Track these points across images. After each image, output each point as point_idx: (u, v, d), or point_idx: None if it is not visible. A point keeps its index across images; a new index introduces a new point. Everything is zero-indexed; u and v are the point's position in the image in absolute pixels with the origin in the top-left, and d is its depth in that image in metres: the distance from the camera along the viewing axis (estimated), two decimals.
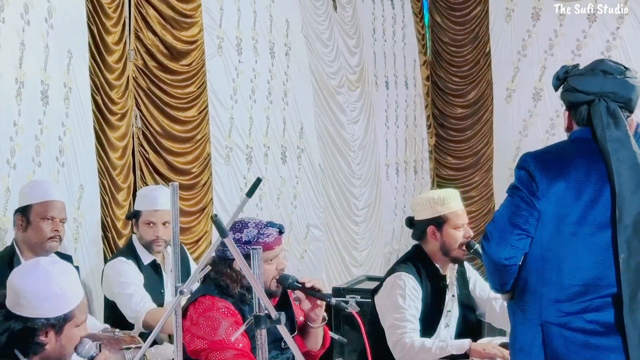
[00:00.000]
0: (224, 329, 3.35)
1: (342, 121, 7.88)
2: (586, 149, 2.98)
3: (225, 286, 3.46)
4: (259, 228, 3.47)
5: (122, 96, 5.42)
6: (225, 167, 6.34)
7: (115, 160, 5.34)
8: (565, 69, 3.16)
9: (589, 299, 2.88)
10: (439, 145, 9.91)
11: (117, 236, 5.33)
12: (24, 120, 4.63)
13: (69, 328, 2.82)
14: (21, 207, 4.20)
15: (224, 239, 2.32)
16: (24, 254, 4.14)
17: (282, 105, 7.09)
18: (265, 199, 6.76)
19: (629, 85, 3.03)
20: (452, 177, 9.67)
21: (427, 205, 4.34)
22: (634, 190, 2.89)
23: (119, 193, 5.38)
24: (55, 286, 2.77)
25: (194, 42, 5.97)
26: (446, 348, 4.12)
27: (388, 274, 4.36)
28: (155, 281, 4.71)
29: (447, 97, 9.80)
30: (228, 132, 6.37)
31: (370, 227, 8.37)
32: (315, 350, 3.73)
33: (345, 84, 7.99)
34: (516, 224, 3.00)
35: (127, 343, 4.01)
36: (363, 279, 6.75)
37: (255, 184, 2.79)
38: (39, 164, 4.74)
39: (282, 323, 2.46)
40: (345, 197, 7.89)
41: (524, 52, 9.27)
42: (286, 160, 7.10)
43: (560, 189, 2.91)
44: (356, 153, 8.08)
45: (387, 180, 8.84)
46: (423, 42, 9.67)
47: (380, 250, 8.61)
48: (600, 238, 2.88)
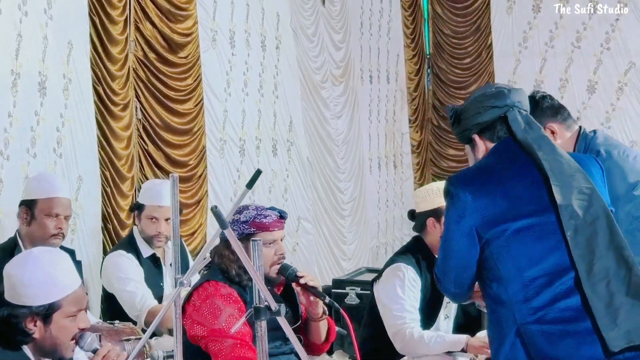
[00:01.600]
0: (225, 318, 3.37)
1: (326, 116, 7.94)
2: (505, 153, 3.01)
3: (226, 268, 3.50)
4: (259, 210, 3.52)
5: (123, 87, 5.45)
6: (220, 160, 6.39)
7: (120, 150, 5.38)
8: (452, 107, 3.18)
9: (555, 287, 2.89)
10: (440, 137, 10.00)
11: (120, 227, 5.36)
12: (19, 111, 4.65)
13: (58, 318, 2.78)
14: (26, 200, 4.20)
15: (224, 230, 2.32)
16: (26, 247, 4.11)
17: (272, 98, 7.15)
18: (257, 191, 6.80)
19: (523, 94, 3.12)
20: (453, 169, 9.64)
21: (427, 196, 4.39)
22: (567, 175, 2.93)
23: (124, 183, 5.42)
24: (40, 275, 2.76)
25: (189, 35, 6.01)
26: (443, 343, 4.16)
27: (387, 264, 4.40)
28: (154, 274, 4.73)
29: (449, 89, 9.89)
30: (222, 124, 6.42)
31: (357, 220, 8.44)
32: (319, 343, 3.74)
33: (329, 79, 8.04)
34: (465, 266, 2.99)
35: (127, 334, 4.03)
36: (363, 271, 6.86)
37: (255, 176, 2.86)
38: (34, 155, 4.76)
39: (282, 315, 2.46)
40: (332, 190, 7.96)
41: (525, 44, 9.36)
42: (277, 153, 7.16)
43: (485, 197, 2.93)
44: (340, 147, 8.15)
45: (371, 175, 8.92)
46: (413, 36, 9.69)
47: (367, 244, 8.67)
48: (544, 223, 2.91)
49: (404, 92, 9.60)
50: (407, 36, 9.62)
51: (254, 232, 3.47)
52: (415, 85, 9.76)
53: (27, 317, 2.74)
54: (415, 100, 9.78)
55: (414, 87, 9.75)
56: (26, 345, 2.79)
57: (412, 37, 9.72)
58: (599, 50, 9.00)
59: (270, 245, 3.49)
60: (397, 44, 9.50)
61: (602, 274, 2.86)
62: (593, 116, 8.95)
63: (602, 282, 2.86)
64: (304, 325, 3.69)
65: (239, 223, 3.49)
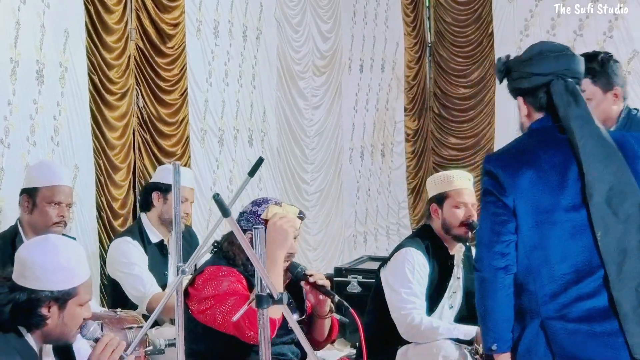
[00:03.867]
0: (228, 284, 3.87)
1: (300, 107, 8.89)
2: (546, 137, 3.32)
3: (233, 256, 3.98)
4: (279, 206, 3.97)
5: (122, 75, 6.21)
6: (201, 149, 7.27)
7: (113, 140, 6.13)
8: (504, 60, 3.51)
9: (583, 285, 3.19)
10: (441, 125, 10.99)
11: (113, 216, 6.09)
12: (19, 99, 5.35)
13: (72, 305, 3.13)
14: (28, 188, 4.70)
15: (226, 218, 2.57)
16: (28, 235, 4.64)
17: (250, 88, 8.06)
18: (235, 181, 7.70)
19: (577, 59, 3.36)
20: (454, 158, 10.77)
21: (433, 183, 5.13)
22: (603, 166, 3.19)
23: (117, 173, 6.15)
24: (62, 260, 3.10)
25: (177, 25, 6.87)
26: (453, 331, 4.81)
27: (396, 249, 5.02)
28: (159, 262, 5.36)
29: (450, 77, 10.89)
30: (203, 114, 7.30)
31: (326, 210, 9.37)
32: (320, 340, 4.23)
33: (311, 69, 9.00)
34: (499, 231, 3.30)
35: (129, 322, 4.56)
36: (365, 259, 7.58)
37: (257, 164, 3.47)
38: (33, 144, 5.46)
39: (284, 303, 2.72)
40: (295, 181, 8.86)
41: (526, 32, 10.29)
42: (252, 143, 8.09)
43: (525, 182, 3.25)
44: (312, 138, 9.13)
45: (350, 164, 9.92)
46: (414, 24, 10.70)
47: (340, 233, 9.63)
48: (578, 221, 3.20)
49: (401, 81, 10.58)
50: (408, 24, 10.60)
51: None
52: (414, 74, 10.72)
53: (46, 301, 3.08)
54: (414, 89, 10.72)
55: (412, 75, 10.70)
56: (30, 333, 3.14)
57: (413, 25, 10.68)
58: (601, 39, 9.82)
59: None
60: (396, 32, 10.49)
61: (632, 275, 3.14)
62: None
63: (631, 283, 3.13)
64: (307, 320, 4.16)
65: (256, 216, 3.98)
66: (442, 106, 11.06)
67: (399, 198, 10.62)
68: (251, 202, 4.11)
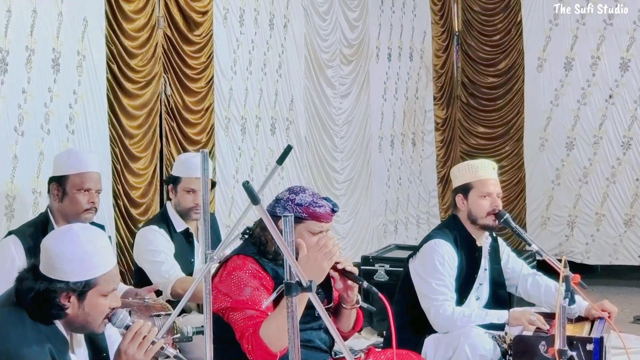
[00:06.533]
0: (250, 291, 3.86)
1: (328, 95, 8.80)
2: None
3: (265, 242, 3.98)
4: (315, 197, 4.02)
5: (147, 64, 6.21)
6: (225, 138, 7.25)
7: (130, 128, 6.11)
8: None
9: None
10: (469, 114, 10.94)
11: (131, 205, 6.09)
12: (33, 87, 5.32)
13: (92, 295, 3.12)
14: (57, 177, 4.74)
15: (255, 205, 2.59)
16: (58, 223, 4.69)
17: (275, 77, 7.98)
18: (256, 169, 7.67)
19: None
20: (482, 147, 10.75)
21: (458, 173, 5.11)
22: None
23: (137, 162, 6.16)
24: (79, 251, 3.08)
25: (205, 13, 6.86)
26: (486, 317, 4.84)
27: (425, 240, 5.04)
28: (186, 250, 5.41)
29: (478, 67, 10.84)
30: (227, 103, 7.27)
31: (355, 199, 9.30)
32: (345, 332, 4.19)
33: (338, 58, 8.91)
34: None
35: (157, 310, 4.62)
36: (392, 248, 7.57)
37: (285, 152, 3.35)
38: (47, 132, 5.43)
39: (312, 291, 2.72)
40: (325, 170, 8.79)
41: (555, 22, 10.20)
42: (275, 132, 8.02)
43: None
44: (340, 127, 9.04)
45: (380, 153, 9.79)
46: (441, 13, 10.62)
47: (369, 222, 9.53)
48: None
49: (430, 70, 10.49)
50: (435, 13, 10.53)
51: (305, 218, 3.97)
52: (442, 63, 10.65)
53: (63, 292, 3.08)
54: (442, 78, 10.67)
55: (440, 64, 10.63)
56: (58, 320, 3.14)
57: (441, 14, 10.63)
58: (631, 28, 9.75)
59: (315, 235, 3.96)
60: (424, 21, 10.40)
61: None
62: (626, 94, 9.78)
63: None
64: (334, 310, 4.17)
65: (293, 204, 3.97)
66: (470, 95, 11.05)
67: (429, 187, 10.59)
68: (288, 189, 4.13)
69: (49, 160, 5.34)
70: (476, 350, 4.75)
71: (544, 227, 10.40)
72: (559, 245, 10.23)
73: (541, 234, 10.26)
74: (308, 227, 4.02)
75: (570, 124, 10.19)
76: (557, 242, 10.25)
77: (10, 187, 5.20)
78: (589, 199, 10.10)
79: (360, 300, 4.13)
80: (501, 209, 4.97)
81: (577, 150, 10.17)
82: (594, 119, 10.04)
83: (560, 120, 10.24)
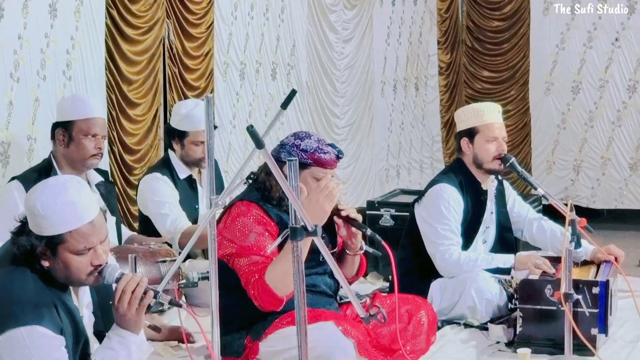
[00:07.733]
0: (255, 237, 3.87)
1: (330, 40, 8.67)
2: None
3: (270, 187, 3.99)
4: (320, 143, 4.00)
5: (149, 9, 6.12)
6: (223, 84, 7.16)
7: (129, 74, 6.03)
8: None
9: None
10: (474, 59, 10.83)
11: (125, 151, 6.04)
12: (30, 33, 5.23)
13: (63, 252, 3.03)
14: (62, 122, 4.74)
15: (260, 150, 2.59)
16: (63, 169, 4.71)
17: (277, 22, 7.86)
18: (254, 115, 7.60)
19: None
20: (487, 91, 10.65)
21: (463, 117, 5.07)
22: None
23: (134, 108, 6.10)
24: (39, 206, 2.99)
25: None
26: (492, 261, 4.86)
27: (430, 185, 5.04)
28: (190, 196, 5.43)
29: (483, 10, 10.69)
30: (227, 48, 7.17)
31: (357, 144, 9.24)
32: (348, 277, 4.18)
33: (342, 2, 8.75)
34: None
35: (163, 256, 4.65)
36: (397, 192, 7.49)
37: (290, 96, 3.34)
38: (43, 78, 5.36)
39: (318, 235, 2.73)
40: (325, 115, 8.70)
41: None
42: (276, 77, 7.91)
43: None
44: (342, 72, 8.91)
45: (382, 98, 9.69)
46: None
47: (370, 167, 9.48)
48: None
49: (434, 14, 10.34)
50: None
51: (309, 164, 3.97)
52: (446, 7, 10.48)
53: (38, 247, 3.03)
54: (446, 22, 10.51)
55: (445, 8, 10.47)
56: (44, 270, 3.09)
57: None
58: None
59: (320, 180, 3.94)
60: None
61: None
62: (633, 37, 9.69)
63: None
64: (338, 257, 4.18)
65: (298, 149, 3.97)
66: (475, 39, 10.91)
67: (432, 132, 10.49)
68: (293, 135, 4.11)
69: (44, 106, 5.29)
70: (482, 294, 4.78)
71: (549, 171, 10.34)
72: (565, 189, 10.18)
73: (547, 179, 10.19)
74: (313, 173, 4.01)
75: (576, 68, 10.08)
76: (562, 187, 10.20)
77: (5, 133, 5.14)
78: (594, 143, 10.04)
79: (365, 246, 4.12)
80: (507, 153, 4.96)
81: (582, 94, 10.07)
82: (599, 63, 9.95)
83: (566, 64, 10.14)
